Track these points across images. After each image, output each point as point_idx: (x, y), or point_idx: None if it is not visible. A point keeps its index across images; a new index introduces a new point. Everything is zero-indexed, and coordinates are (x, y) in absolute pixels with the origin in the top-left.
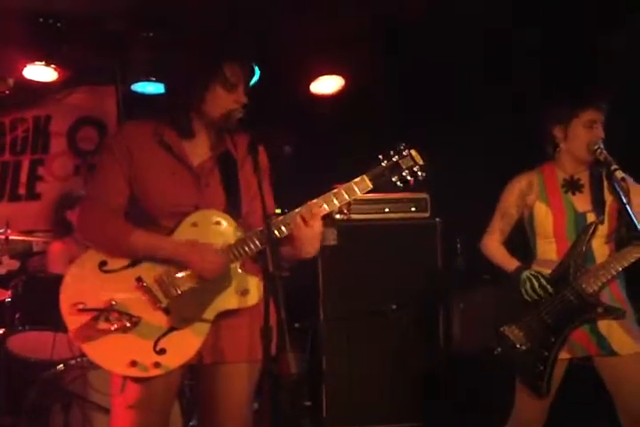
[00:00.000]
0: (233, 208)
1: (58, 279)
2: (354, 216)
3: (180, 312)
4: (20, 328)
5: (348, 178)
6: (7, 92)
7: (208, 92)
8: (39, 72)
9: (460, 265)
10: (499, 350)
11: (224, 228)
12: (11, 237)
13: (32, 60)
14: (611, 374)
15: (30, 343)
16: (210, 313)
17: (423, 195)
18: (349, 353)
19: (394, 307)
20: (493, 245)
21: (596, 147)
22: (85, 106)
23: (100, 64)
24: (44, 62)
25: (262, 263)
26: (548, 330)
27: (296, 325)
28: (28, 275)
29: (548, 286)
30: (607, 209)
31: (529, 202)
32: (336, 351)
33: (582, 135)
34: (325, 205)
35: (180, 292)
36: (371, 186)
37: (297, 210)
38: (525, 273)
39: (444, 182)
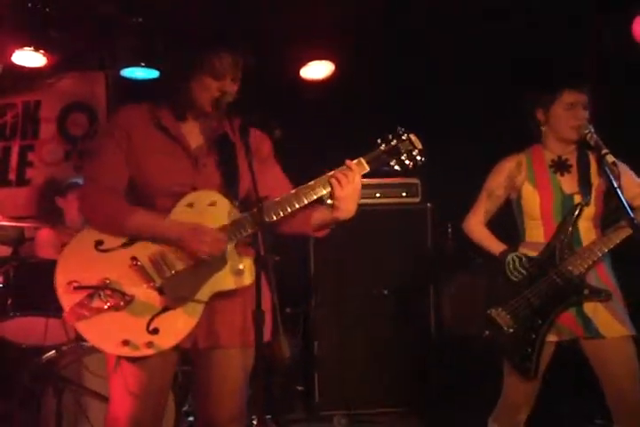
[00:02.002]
0: (230, 190)
1: (50, 265)
2: None
3: (175, 292)
4: (11, 314)
5: (338, 163)
6: None
7: (195, 80)
8: (28, 57)
9: (450, 250)
10: (487, 333)
11: (219, 208)
12: (1, 223)
13: (21, 45)
14: (597, 356)
15: (22, 329)
16: (204, 294)
17: (414, 180)
18: (341, 338)
19: (385, 292)
20: (477, 226)
21: (586, 131)
22: (75, 91)
23: (89, 49)
24: (32, 48)
25: (255, 247)
26: (535, 312)
27: (288, 310)
28: (20, 261)
29: (527, 268)
30: (594, 191)
31: (517, 183)
32: (328, 336)
33: (562, 117)
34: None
35: (174, 272)
36: (368, 169)
37: (329, 173)
38: (511, 255)
39: (435, 167)
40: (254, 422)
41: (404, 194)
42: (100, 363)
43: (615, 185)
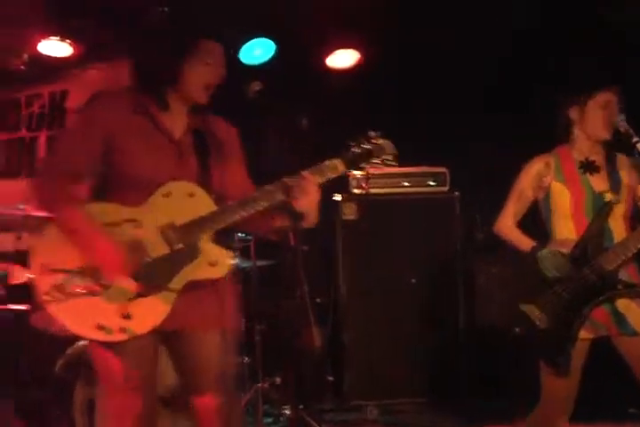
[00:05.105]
0: (205, 183)
1: None
2: (372, 190)
3: (149, 279)
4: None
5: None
6: (22, 66)
7: (184, 67)
8: (54, 47)
9: (479, 239)
10: (517, 329)
11: (197, 199)
12: (29, 214)
13: (47, 34)
14: (631, 353)
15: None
16: (177, 282)
17: (442, 169)
18: (370, 327)
19: (413, 281)
20: (508, 228)
21: (618, 119)
22: (101, 81)
23: (115, 38)
24: (58, 37)
25: (284, 238)
26: (568, 308)
27: (317, 300)
28: None
29: (567, 264)
30: (624, 189)
31: (545, 184)
32: (357, 326)
33: (598, 116)
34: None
35: (150, 259)
36: (344, 170)
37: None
38: (544, 251)
39: (464, 156)
40: (287, 412)
41: (432, 183)
42: None
43: None
